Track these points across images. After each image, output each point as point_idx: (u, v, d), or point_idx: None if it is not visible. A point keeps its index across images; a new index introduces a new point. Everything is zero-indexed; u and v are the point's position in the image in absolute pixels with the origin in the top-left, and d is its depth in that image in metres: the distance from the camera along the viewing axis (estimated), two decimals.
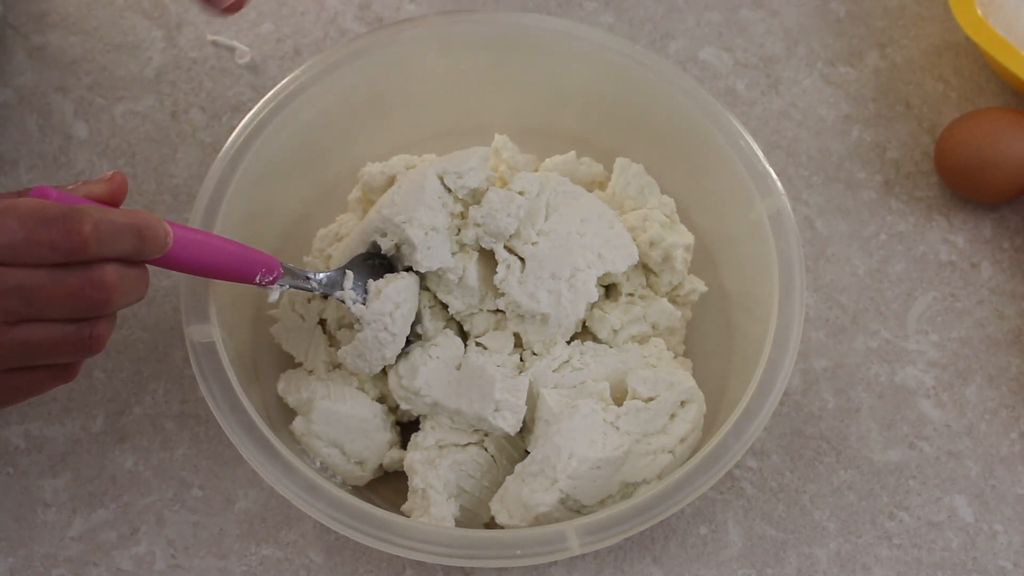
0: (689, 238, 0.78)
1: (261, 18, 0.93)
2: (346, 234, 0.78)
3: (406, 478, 0.73)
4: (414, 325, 0.74)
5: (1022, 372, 0.82)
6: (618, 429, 0.71)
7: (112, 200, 0.64)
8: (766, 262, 0.74)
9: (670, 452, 0.71)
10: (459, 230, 0.75)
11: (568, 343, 0.75)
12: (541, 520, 0.69)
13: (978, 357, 0.82)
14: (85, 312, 0.61)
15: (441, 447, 0.73)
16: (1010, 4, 0.87)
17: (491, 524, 0.73)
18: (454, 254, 0.74)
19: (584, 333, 0.76)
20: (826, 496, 0.78)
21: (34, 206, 0.59)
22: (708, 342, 0.79)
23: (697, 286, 0.78)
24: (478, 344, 0.75)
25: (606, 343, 0.76)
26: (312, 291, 0.72)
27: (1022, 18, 0.86)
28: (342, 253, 0.75)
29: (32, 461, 0.77)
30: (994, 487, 0.78)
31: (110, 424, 0.78)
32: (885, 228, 0.87)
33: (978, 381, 0.82)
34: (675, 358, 0.77)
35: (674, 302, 0.78)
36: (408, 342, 0.73)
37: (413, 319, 0.74)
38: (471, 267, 0.74)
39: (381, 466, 0.75)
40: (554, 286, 0.73)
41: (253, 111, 0.76)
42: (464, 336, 0.76)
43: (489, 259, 0.75)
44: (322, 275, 0.72)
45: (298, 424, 0.74)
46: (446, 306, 0.75)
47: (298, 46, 0.92)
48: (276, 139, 0.76)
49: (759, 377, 0.70)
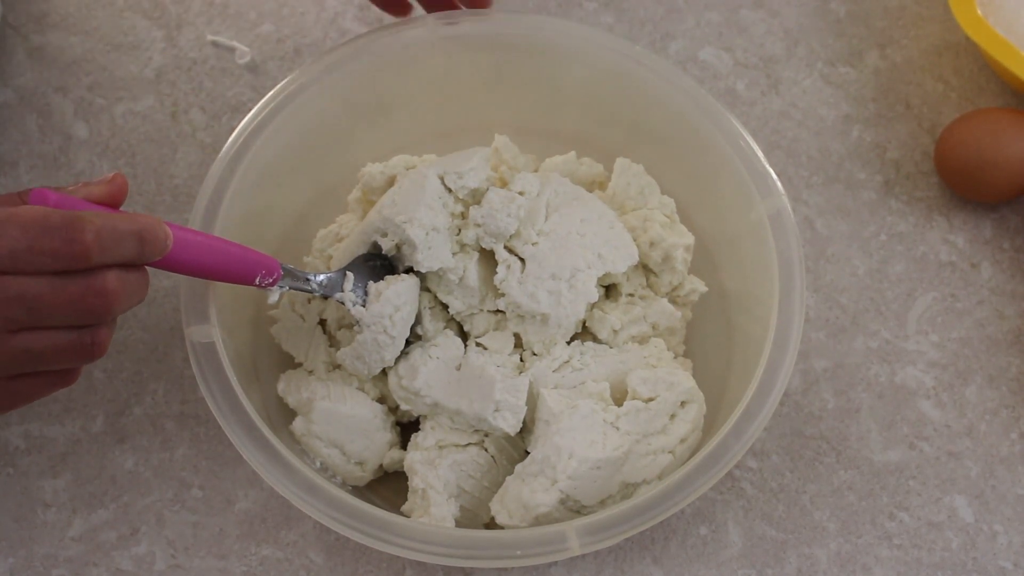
0: (689, 238, 0.78)
1: (261, 18, 0.93)
2: (346, 235, 0.78)
3: (406, 478, 0.73)
4: (414, 326, 0.74)
5: (1022, 372, 0.82)
6: (618, 429, 0.71)
7: (112, 201, 0.64)
8: (766, 262, 0.74)
9: (670, 452, 0.71)
10: (459, 230, 0.75)
11: (568, 343, 0.75)
12: (541, 520, 0.69)
13: (978, 357, 0.82)
14: (86, 319, 0.61)
15: (441, 447, 0.73)
16: (1010, 4, 0.87)
17: (491, 524, 0.73)
18: (454, 254, 0.74)
19: (584, 333, 0.76)
20: (826, 496, 0.78)
21: (36, 215, 0.59)
22: (708, 342, 0.79)
23: (697, 286, 0.78)
24: (478, 344, 0.75)
25: (606, 343, 0.76)
26: (312, 293, 0.72)
27: (1022, 18, 0.86)
28: (342, 254, 0.75)
29: (32, 461, 0.77)
30: (994, 487, 0.78)
31: (110, 424, 0.78)
32: (885, 228, 0.87)
33: (978, 381, 0.82)
34: (675, 358, 0.77)
35: (674, 302, 0.78)
36: (408, 342, 0.73)
37: (413, 321, 0.74)
38: (471, 267, 0.74)
39: (381, 466, 0.75)
40: (554, 286, 0.73)
41: (253, 111, 0.76)
42: (464, 336, 0.76)
43: (489, 259, 0.75)
44: (322, 276, 0.72)
45: (298, 424, 0.74)
46: (446, 306, 0.75)
47: (298, 46, 0.92)
48: (276, 139, 0.76)
49: (759, 377, 0.70)
